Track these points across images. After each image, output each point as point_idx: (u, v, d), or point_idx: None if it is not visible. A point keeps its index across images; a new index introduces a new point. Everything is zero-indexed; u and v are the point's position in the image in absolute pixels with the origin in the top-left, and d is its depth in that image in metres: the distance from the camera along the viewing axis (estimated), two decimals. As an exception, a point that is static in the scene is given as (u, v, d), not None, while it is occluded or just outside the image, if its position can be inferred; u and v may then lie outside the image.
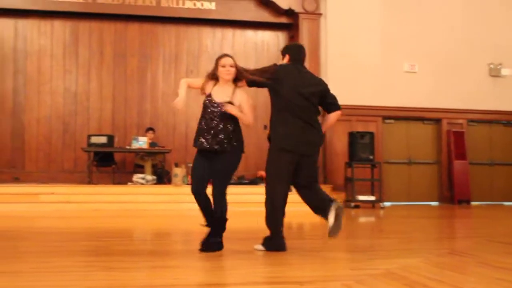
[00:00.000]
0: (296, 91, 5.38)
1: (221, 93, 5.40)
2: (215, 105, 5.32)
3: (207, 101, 5.39)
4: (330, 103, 5.77)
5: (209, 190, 5.42)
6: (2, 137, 13.77)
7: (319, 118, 5.69)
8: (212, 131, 5.26)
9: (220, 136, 5.25)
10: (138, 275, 4.39)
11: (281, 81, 5.39)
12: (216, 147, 5.24)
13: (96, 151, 12.85)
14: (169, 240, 7.01)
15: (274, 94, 5.49)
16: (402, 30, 14.53)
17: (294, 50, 5.68)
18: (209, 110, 5.33)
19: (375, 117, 14.36)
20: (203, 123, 5.35)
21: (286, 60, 5.62)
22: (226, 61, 5.39)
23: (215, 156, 5.31)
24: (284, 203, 5.61)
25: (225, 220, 5.39)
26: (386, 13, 14.48)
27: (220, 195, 5.34)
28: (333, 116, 5.87)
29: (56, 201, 11.27)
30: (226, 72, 5.36)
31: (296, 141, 5.38)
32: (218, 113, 5.28)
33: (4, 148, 13.75)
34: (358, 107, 14.15)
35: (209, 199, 5.39)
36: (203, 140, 5.28)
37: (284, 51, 5.69)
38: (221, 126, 5.27)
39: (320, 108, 5.68)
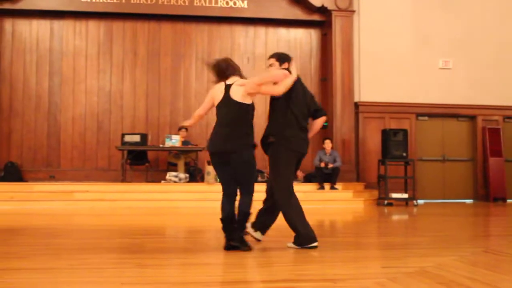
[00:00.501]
0: (303, 99, 5.62)
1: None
2: None
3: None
4: (317, 109, 5.85)
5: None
6: (39, 137, 13.99)
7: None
8: None
9: None
10: (171, 272, 4.42)
11: (295, 89, 5.53)
12: None
13: (129, 150, 12.97)
14: (201, 237, 7.04)
15: (286, 100, 5.50)
16: (436, 25, 14.35)
17: (291, 59, 5.77)
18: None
19: (409, 114, 14.22)
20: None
21: (286, 66, 5.69)
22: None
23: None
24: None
25: None
26: (419, 8, 14.31)
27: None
28: (320, 121, 5.94)
29: (90, 199, 11.42)
30: None
31: (303, 143, 5.61)
32: None
33: (41, 147, 13.96)
34: (391, 104, 14.04)
35: None
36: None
37: (285, 58, 5.77)
38: None
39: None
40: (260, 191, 5.57)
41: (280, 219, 5.55)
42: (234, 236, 5.24)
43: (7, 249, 5.53)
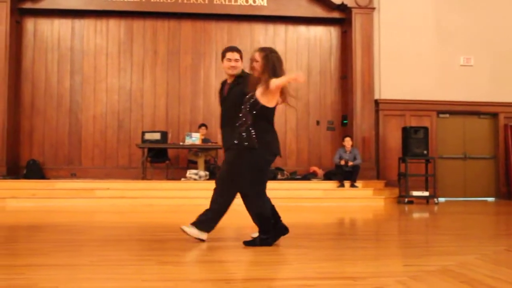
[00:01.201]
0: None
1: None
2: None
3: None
4: None
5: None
6: (60, 135, 14.09)
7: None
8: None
9: None
10: (191, 269, 4.43)
11: None
12: None
13: (150, 147, 13.03)
14: (221, 235, 7.04)
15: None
16: (458, 22, 14.21)
17: None
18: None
19: (430, 111, 14.11)
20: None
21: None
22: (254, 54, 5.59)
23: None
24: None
25: None
26: (441, 5, 14.19)
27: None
28: None
29: (111, 196, 11.48)
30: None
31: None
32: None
33: (62, 145, 14.07)
34: (412, 101, 13.94)
35: None
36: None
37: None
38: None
39: None
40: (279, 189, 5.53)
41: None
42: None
43: (30, 246, 5.58)
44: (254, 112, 5.24)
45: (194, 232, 5.45)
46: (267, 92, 5.20)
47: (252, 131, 5.22)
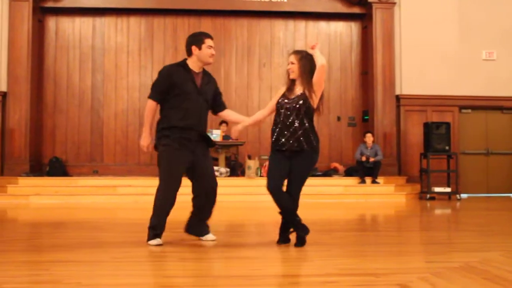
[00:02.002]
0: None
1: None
2: (291, 100, 5.24)
3: (280, 99, 5.32)
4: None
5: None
6: (82, 132, 14.20)
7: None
8: (290, 129, 5.18)
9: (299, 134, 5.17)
10: (212, 265, 4.44)
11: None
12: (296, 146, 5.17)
13: (171, 144, 13.05)
14: (243, 231, 7.06)
15: None
16: (480, 16, 14.05)
17: None
18: (284, 107, 5.22)
19: (451, 107, 13.98)
20: (278, 121, 5.26)
21: None
22: (289, 58, 5.39)
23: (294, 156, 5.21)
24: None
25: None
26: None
27: (297, 197, 5.28)
28: None
29: (133, 193, 11.55)
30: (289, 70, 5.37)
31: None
32: (292, 109, 5.19)
33: (84, 143, 14.18)
34: (434, 97, 13.82)
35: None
36: (283, 139, 5.19)
37: None
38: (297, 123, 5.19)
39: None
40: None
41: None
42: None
43: (53, 242, 5.64)
44: (309, 115, 5.22)
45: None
46: (316, 93, 5.24)
47: (311, 135, 5.20)
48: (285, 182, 5.25)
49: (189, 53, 5.42)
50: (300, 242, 5.11)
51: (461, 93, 13.90)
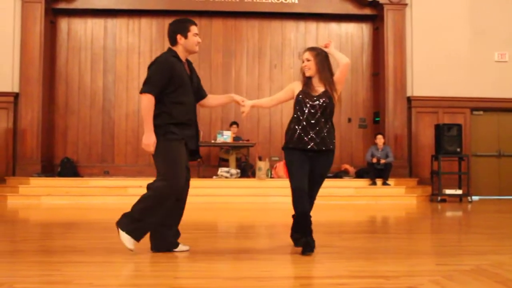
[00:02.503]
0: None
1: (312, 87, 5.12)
2: (315, 98, 5.03)
3: (301, 96, 5.06)
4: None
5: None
6: (93, 133, 14.26)
7: None
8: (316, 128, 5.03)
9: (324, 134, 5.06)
10: (223, 266, 4.45)
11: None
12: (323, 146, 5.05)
13: (182, 145, 13.07)
14: (254, 233, 7.06)
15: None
16: (492, 17, 13.98)
17: None
18: (308, 105, 5.01)
19: (463, 108, 13.92)
20: (300, 119, 5.04)
21: None
22: (304, 55, 5.14)
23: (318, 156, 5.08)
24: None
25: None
26: (474, 1, 13.97)
27: (315, 198, 5.21)
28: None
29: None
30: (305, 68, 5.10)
31: None
32: (318, 107, 5.00)
33: (96, 143, 14.24)
34: (445, 98, 13.76)
35: None
36: (306, 138, 4.99)
37: None
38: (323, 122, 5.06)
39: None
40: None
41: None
42: None
43: (65, 243, 5.67)
44: (332, 113, 5.14)
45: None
46: (337, 91, 5.14)
47: (333, 135, 5.21)
48: None
49: (174, 42, 5.09)
50: (310, 249, 4.80)
51: (472, 95, 13.83)
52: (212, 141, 13.20)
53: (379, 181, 12.47)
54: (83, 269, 4.14)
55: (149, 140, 4.85)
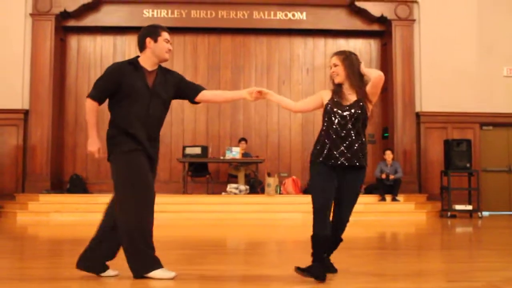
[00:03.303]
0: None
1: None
2: (345, 108, 4.51)
3: (329, 106, 4.54)
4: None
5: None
6: (102, 150, 14.27)
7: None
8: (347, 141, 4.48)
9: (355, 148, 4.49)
10: (232, 284, 4.42)
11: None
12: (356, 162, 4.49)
13: (190, 162, 13.11)
14: (263, 249, 7.03)
15: None
16: (500, 32, 13.96)
17: None
18: (338, 115, 4.49)
19: (472, 124, 13.87)
20: (330, 131, 4.51)
21: None
22: (331, 60, 4.66)
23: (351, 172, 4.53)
24: None
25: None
26: (482, 15, 13.96)
27: (348, 220, 4.66)
28: None
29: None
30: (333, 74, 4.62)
31: None
32: (349, 118, 4.48)
33: (104, 160, 13.91)
34: (454, 114, 13.72)
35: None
36: (336, 152, 4.45)
37: None
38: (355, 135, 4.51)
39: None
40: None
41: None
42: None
43: (74, 260, 5.65)
44: (364, 126, 4.62)
45: None
46: (372, 102, 4.63)
47: (366, 150, 4.61)
48: None
49: (142, 47, 4.66)
50: (309, 273, 4.31)
51: (482, 110, 13.78)
52: (221, 158, 13.20)
53: (388, 197, 12.42)
54: (93, 286, 4.13)
55: (93, 147, 4.75)
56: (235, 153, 12.88)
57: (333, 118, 4.47)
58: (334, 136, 4.44)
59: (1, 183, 13.02)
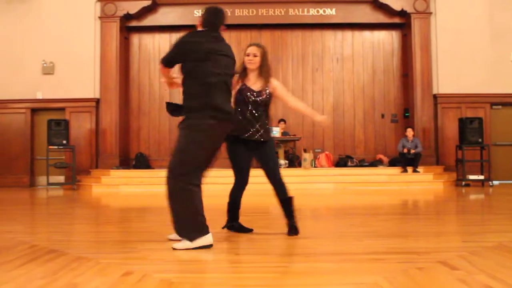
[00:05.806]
0: None
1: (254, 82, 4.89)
2: (255, 94, 4.84)
3: (243, 89, 4.84)
4: None
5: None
6: (162, 132, 14.45)
7: None
8: (259, 121, 4.89)
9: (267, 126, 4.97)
10: (277, 243, 4.44)
11: None
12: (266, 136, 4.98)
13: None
14: (299, 215, 7.04)
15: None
16: (509, 21, 13.59)
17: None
18: (251, 99, 4.83)
19: (484, 104, 13.58)
20: (247, 113, 4.84)
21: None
22: (250, 50, 4.92)
23: (262, 145, 5.01)
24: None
25: (292, 199, 5.03)
26: (493, 6, 13.59)
27: (282, 178, 5.09)
28: None
29: (206, 182, 11.65)
30: (249, 61, 4.89)
31: None
32: (259, 101, 4.84)
33: (164, 140, 14.41)
34: (468, 95, 13.47)
35: None
36: (252, 130, 4.91)
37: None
38: (265, 115, 4.94)
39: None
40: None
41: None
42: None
43: (140, 225, 5.78)
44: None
45: None
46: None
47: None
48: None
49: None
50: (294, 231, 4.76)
51: (492, 91, 13.50)
52: (263, 136, 13.18)
53: (409, 169, 12.28)
54: (156, 247, 4.20)
55: None
56: (275, 132, 12.87)
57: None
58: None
59: (79, 161, 13.31)
